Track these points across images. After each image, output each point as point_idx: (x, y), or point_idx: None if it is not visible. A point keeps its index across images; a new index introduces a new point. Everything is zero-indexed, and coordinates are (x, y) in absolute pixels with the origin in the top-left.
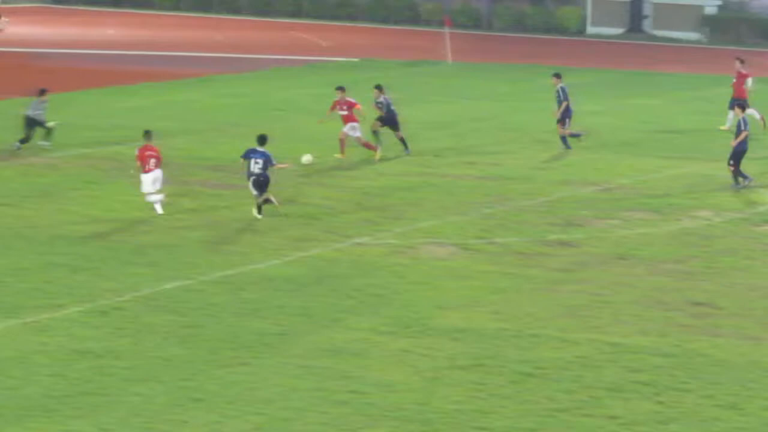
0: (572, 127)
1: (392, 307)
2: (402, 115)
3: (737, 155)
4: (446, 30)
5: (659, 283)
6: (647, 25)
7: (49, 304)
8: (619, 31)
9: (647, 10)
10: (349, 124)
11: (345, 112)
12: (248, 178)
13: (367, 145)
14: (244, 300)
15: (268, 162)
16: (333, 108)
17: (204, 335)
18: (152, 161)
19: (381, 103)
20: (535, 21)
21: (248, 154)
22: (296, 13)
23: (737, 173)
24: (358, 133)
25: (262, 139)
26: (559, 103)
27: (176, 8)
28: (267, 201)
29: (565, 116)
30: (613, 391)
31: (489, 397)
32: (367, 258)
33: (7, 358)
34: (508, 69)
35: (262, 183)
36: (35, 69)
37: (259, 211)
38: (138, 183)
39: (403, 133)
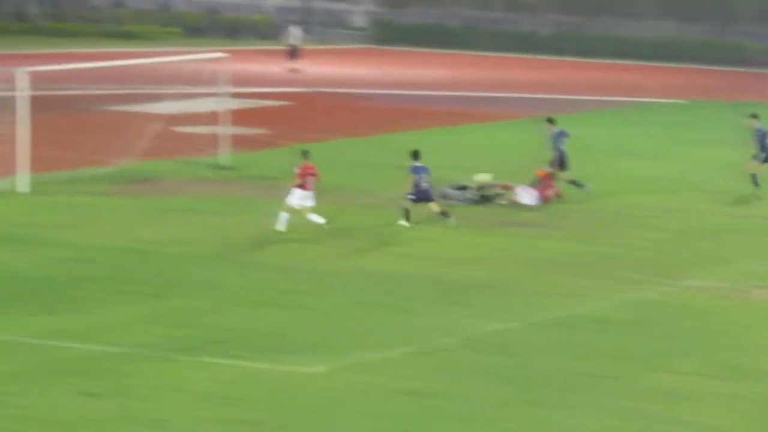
0: None
1: (722, 350)
2: (725, 156)
3: None
4: None
5: None
6: None
7: (376, 344)
8: None
9: None
10: None
11: None
12: (414, 194)
13: None
14: (570, 342)
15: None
16: None
17: (528, 376)
18: (311, 179)
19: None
20: None
21: (416, 171)
22: (619, 54)
23: None
24: None
25: (417, 154)
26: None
27: (499, 49)
28: (444, 213)
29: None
30: None
31: None
32: (694, 300)
33: (335, 398)
34: None
35: (429, 196)
36: (361, 109)
37: (407, 218)
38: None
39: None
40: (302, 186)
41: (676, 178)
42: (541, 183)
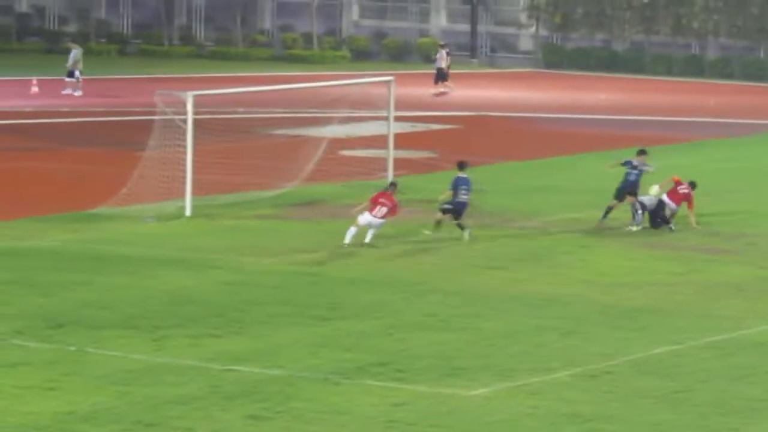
0: None
1: None
2: None
3: None
4: None
5: None
6: None
7: (541, 367)
8: None
9: None
10: None
11: None
12: (450, 204)
13: None
14: (735, 365)
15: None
16: None
17: (694, 400)
18: (381, 209)
19: None
20: None
21: (458, 182)
22: None
23: None
24: None
25: (463, 165)
26: None
27: (668, 73)
28: (461, 226)
29: None
30: None
31: None
32: None
33: (498, 421)
34: None
35: (461, 211)
36: (530, 133)
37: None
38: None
39: None
40: (371, 210)
41: None
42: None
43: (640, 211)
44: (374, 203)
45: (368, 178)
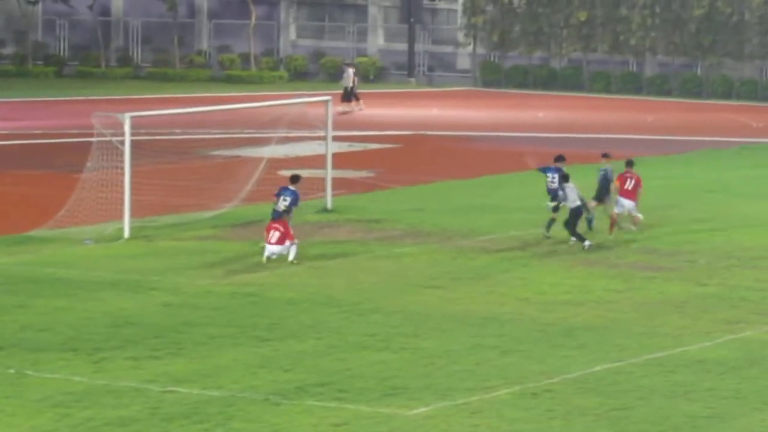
0: None
1: None
2: None
3: None
4: None
5: None
6: None
7: (480, 386)
8: None
9: None
10: None
11: None
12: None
13: None
14: (675, 382)
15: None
16: None
17: (633, 417)
18: (274, 234)
19: None
20: None
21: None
22: (726, 95)
23: None
24: None
25: (295, 178)
26: None
27: (607, 90)
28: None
29: None
30: None
31: None
32: None
33: None
34: None
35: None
36: (468, 152)
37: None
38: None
39: None
40: (267, 239)
41: None
42: None
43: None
44: (267, 231)
45: (307, 198)
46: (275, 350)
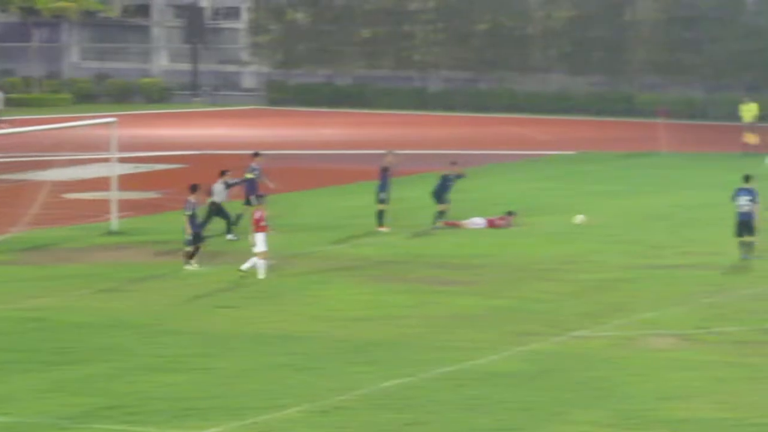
0: None
1: (614, 399)
2: (619, 207)
3: None
4: (661, 120)
5: None
6: None
7: (272, 404)
8: None
9: None
10: None
11: None
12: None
13: None
14: (465, 396)
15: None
16: None
17: None
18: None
19: None
20: None
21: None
22: (511, 108)
23: None
24: None
25: (194, 187)
26: None
27: (392, 106)
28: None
29: None
30: None
31: None
32: (587, 351)
33: None
34: (726, 158)
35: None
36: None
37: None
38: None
39: None
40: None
41: (571, 230)
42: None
43: None
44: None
45: (94, 220)
46: (63, 374)
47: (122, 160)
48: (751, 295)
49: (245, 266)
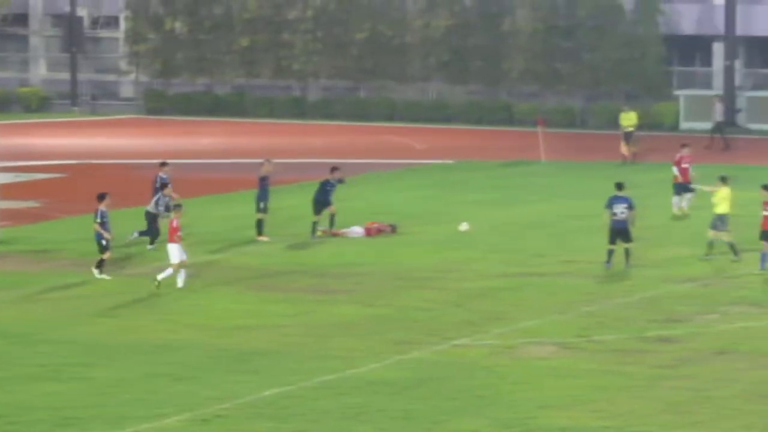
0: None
1: (494, 407)
2: (499, 215)
3: None
4: (540, 129)
5: (762, 377)
6: (741, 119)
7: (152, 414)
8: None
9: (741, 103)
10: None
11: None
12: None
13: None
14: (345, 405)
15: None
16: None
17: None
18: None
19: None
20: None
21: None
22: (390, 117)
23: None
24: None
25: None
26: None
27: (271, 115)
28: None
29: None
30: None
31: None
32: (467, 359)
33: None
34: (605, 167)
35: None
36: (135, 180)
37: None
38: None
39: None
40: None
41: (452, 239)
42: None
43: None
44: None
45: None
46: None
47: (1, 170)
48: (628, 304)
49: (161, 276)
